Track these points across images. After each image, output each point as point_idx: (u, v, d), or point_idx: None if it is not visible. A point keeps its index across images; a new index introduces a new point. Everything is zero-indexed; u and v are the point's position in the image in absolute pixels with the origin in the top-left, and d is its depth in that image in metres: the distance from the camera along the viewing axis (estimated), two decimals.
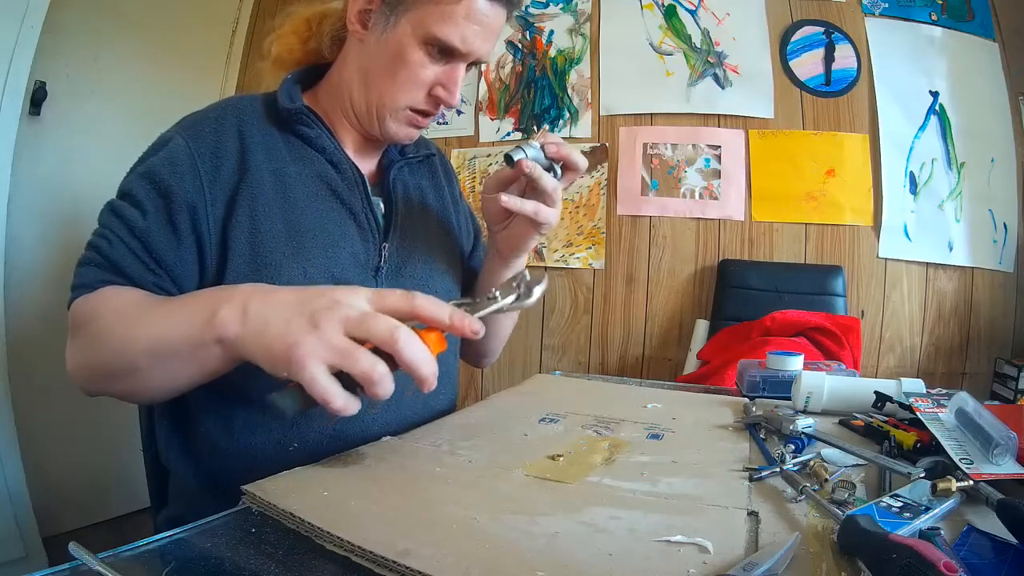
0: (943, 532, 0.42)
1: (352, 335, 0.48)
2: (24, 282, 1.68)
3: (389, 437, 0.64)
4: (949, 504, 0.48)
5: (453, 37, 0.70)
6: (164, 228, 0.66)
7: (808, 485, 0.50)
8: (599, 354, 2.22)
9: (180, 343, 0.55)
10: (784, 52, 2.09)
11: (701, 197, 2.13)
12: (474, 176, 2.30)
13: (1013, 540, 0.43)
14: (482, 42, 0.72)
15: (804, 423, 0.66)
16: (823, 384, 0.79)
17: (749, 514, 0.47)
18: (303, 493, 0.48)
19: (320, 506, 0.46)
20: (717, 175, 2.12)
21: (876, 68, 2.05)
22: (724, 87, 2.11)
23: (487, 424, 0.71)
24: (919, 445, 0.61)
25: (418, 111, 0.75)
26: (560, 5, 2.24)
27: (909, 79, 2.05)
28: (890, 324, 2.06)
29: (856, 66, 2.06)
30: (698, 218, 2.14)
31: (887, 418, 0.71)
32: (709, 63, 2.12)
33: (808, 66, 2.08)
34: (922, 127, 2.05)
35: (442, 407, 0.80)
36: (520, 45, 2.28)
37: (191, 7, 2.23)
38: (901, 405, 0.73)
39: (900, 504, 0.47)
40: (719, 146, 2.11)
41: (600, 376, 1.08)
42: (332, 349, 0.47)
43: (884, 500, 0.48)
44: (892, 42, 2.06)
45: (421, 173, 0.90)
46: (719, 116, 2.12)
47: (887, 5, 2.06)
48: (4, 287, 1.60)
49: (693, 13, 2.14)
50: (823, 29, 2.08)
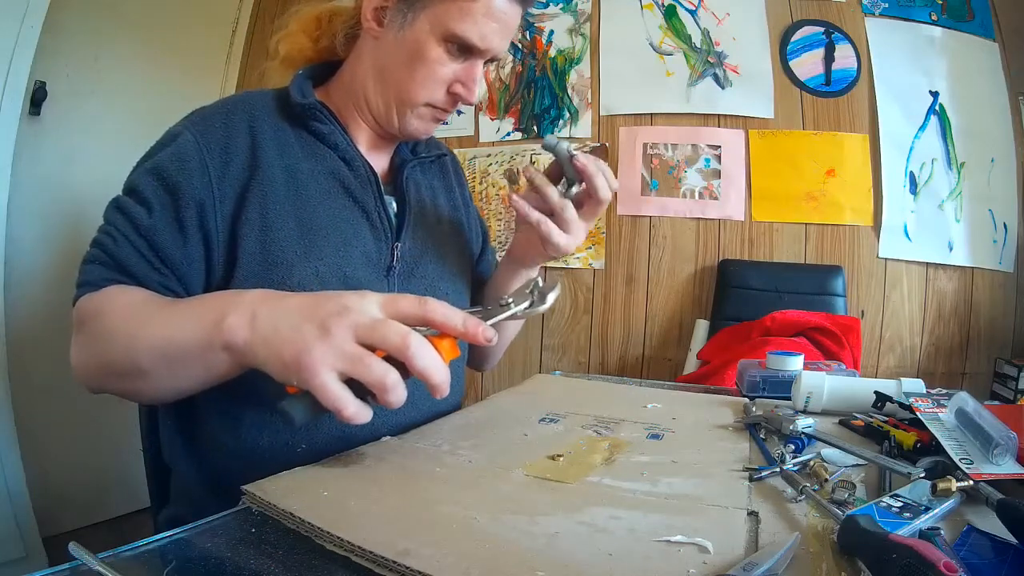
0: (943, 532, 0.42)
1: (363, 342, 0.48)
2: (24, 282, 1.68)
3: (389, 437, 0.64)
4: (949, 504, 0.48)
5: (472, 34, 0.69)
6: (170, 226, 0.65)
7: (808, 485, 0.50)
8: (599, 354, 2.22)
9: (187, 348, 0.54)
10: (784, 52, 2.09)
11: (701, 197, 2.13)
12: (474, 176, 2.30)
13: (1013, 540, 0.43)
14: (500, 39, 0.72)
15: (804, 423, 0.66)
16: (823, 384, 0.79)
17: (749, 514, 0.47)
18: (303, 493, 0.48)
19: (320, 506, 0.46)
20: (717, 175, 2.12)
21: (876, 68, 2.05)
22: (724, 87, 2.11)
23: (487, 424, 0.71)
24: (919, 445, 0.61)
25: (436, 108, 0.75)
26: (560, 5, 2.24)
27: (909, 79, 2.05)
28: (890, 324, 2.06)
29: (856, 66, 2.06)
30: (698, 218, 2.14)
31: (887, 418, 0.71)
32: (709, 63, 2.12)
33: (808, 66, 2.08)
34: (922, 127, 2.05)
35: (448, 408, 0.80)
36: (520, 45, 2.28)
37: (191, 7, 2.23)
38: (901, 405, 0.73)
39: (900, 504, 0.47)
40: (719, 146, 2.11)
41: (600, 376, 1.08)
42: (343, 356, 0.47)
43: (884, 500, 0.48)
44: (892, 42, 2.06)
45: (433, 173, 0.89)
46: (719, 116, 2.12)
47: (887, 5, 2.06)
48: (4, 287, 1.60)
49: (693, 13, 2.14)
50: (823, 29, 2.08)
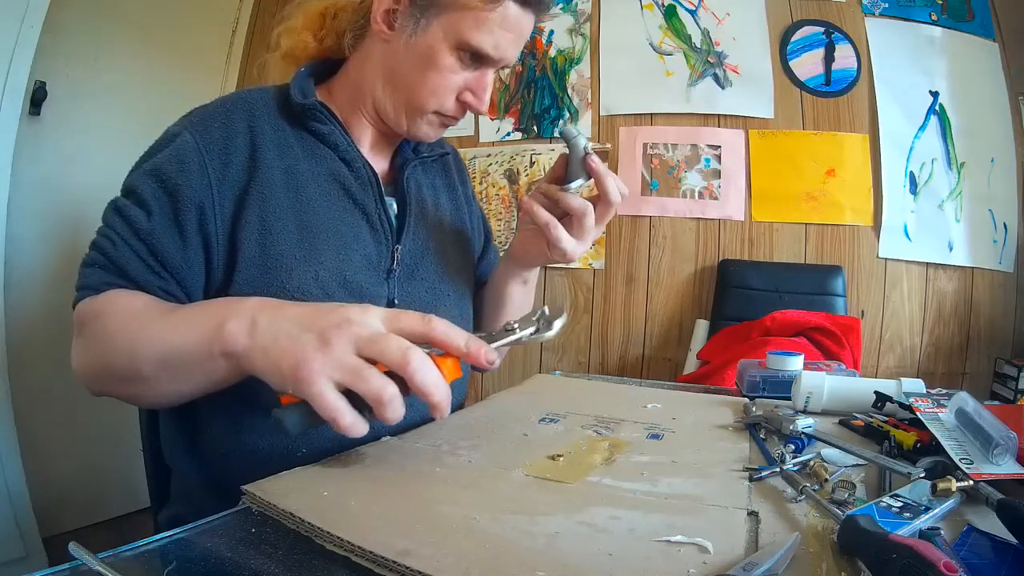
0: (943, 532, 0.42)
1: (364, 355, 0.47)
2: (24, 282, 1.68)
3: (389, 437, 0.64)
4: (949, 504, 0.48)
5: (486, 44, 0.69)
6: (170, 229, 0.64)
7: (808, 485, 0.50)
8: (599, 354, 2.22)
9: (187, 354, 0.55)
10: (784, 52, 2.09)
11: (701, 197, 2.13)
12: (474, 176, 2.30)
13: (1013, 540, 0.43)
14: (514, 49, 0.71)
15: (804, 423, 0.66)
16: (823, 384, 0.79)
17: (749, 514, 0.47)
18: (303, 493, 0.48)
19: (320, 506, 0.46)
20: (717, 175, 2.12)
21: (876, 68, 2.05)
22: (724, 87, 2.11)
23: (487, 424, 0.71)
24: (919, 445, 0.61)
25: (445, 115, 0.74)
26: (560, 5, 2.23)
27: (909, 79, 2.05)
28: (890, 324, 2.06)
29: (856, 66, 2.06)
30: (698, 218, 2.14)
31: (887, 418, 0.71)
32: (709, 63, 2.12)
33: (808, 66, 2.08)
34: (922, 127, 2.05)
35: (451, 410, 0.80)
36: None
37: (191, 7, 2.23)
38: (901, 405, 0.73)
39: (900, 504, 0.47)
40: (719, 146, 2.11)
41: (600, 376, 1.08)
42: (341, 367, 0.46)
43: (884, 500, 0.48)
44: (892, 42, 2.06)
45: (435, 172, 0.88)
46: (719, 116, 2.12)
47: (887, 5, 2.06)
48: (4, 287, 1.60)
49: (693, 13, 2.14)
50: (823, 29, 2.08)
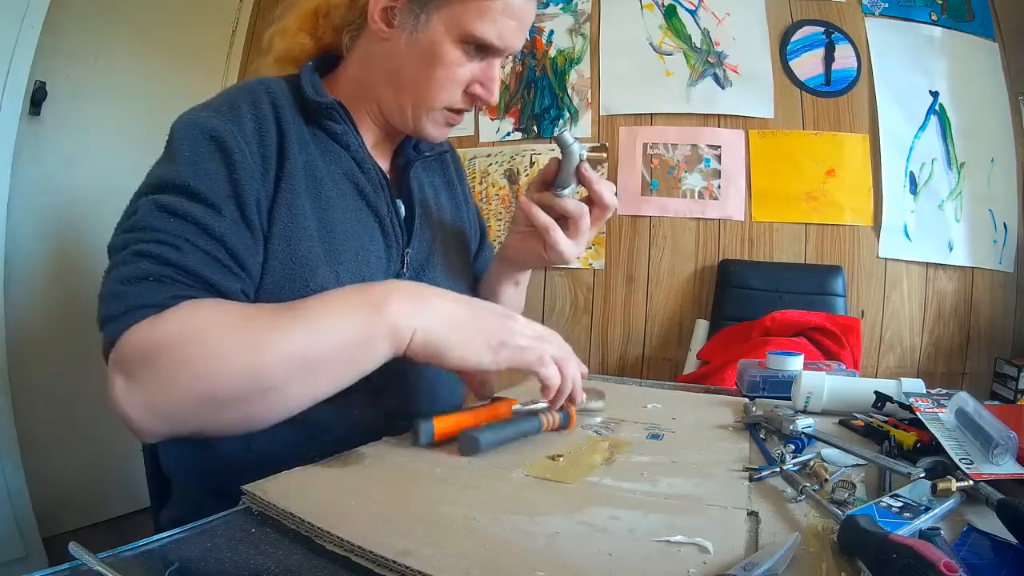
0: (943, 532, 0.42)
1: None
2: (24, 282, 1.68)
3: (389, 437, 0.64)
4: (949, 504, 0.48)
5: (491, 34, 0.67)
6: (239, 226, 0.61)
7: (808, 485, 0.50)
8: (599, 354, 2.22)
9: (338, 346, 0.54)
10: (784, 52, 2.09)
11: (701, 197, 2.13)
12: (474, 176, 2.30)
13: (1013, 540, 0.43)
14: (519, 37, 0.70)
15: (804, 423, 0.66)
16: (823, 384, 0.79)
17: (749, 514, 0.47)
18: (303, 493, 0.48)
19: (320, 506, 0.46)
20: (717, 175, 2.12)
21: (876, 68, 2.05)
22: (724, 87, 2.11)
23: None
24: (919, 445, 0.61)
25: (454, 110, 0.73)
26: (560, 5, 2.24)
27: (909, 79, 2.05)
28: (890, 324, 2.06)
29: (856, 66, 2.06)
30: (698, 218, 2.14)
31: (887, 418, 0.71)
32: (709, 63, 2.12)
33: (808, 66, 2.08)
34: (922, 127, 2.05)
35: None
36: None
37: (191, 7, 2.23)
38: (901, 405, 0.73)
39: (900, 504, 0.47)
40: (719, 146, 2.12)
41: (600, 376, 1.08)
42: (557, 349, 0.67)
43: (884, 500, 0.48)
44: (892, 42, 2.06)
45: (434, 170, 0.88)
46: (719, 116, 2.12)
47: (887, 5, 2.06)
48: (4, 287, 1.60)
49: (693, 13, 2.14)
50: (823, 29, 2.08)
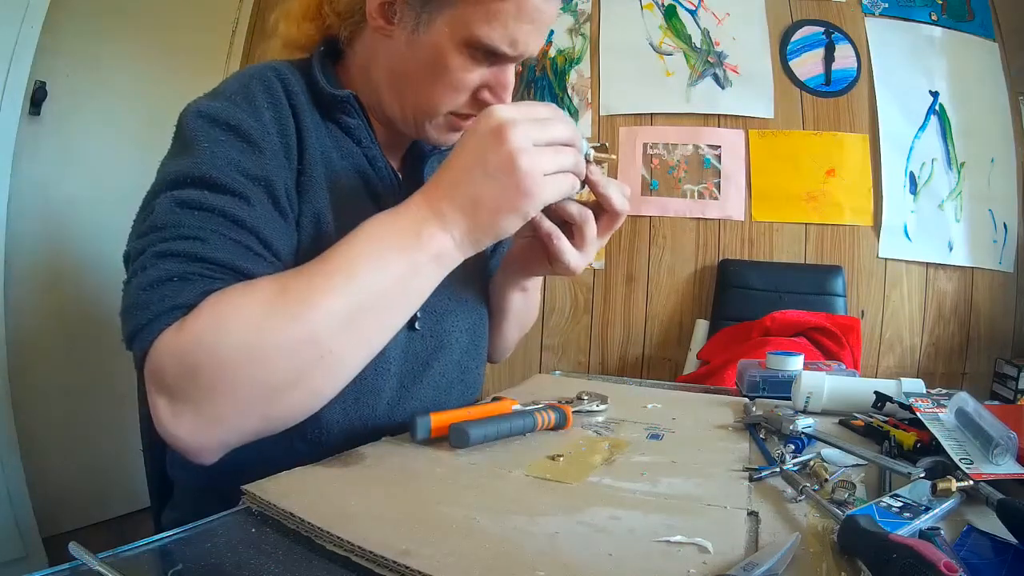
0: (943, 532, 0.42)
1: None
2: (24, 282, 1.68)
3: (389, 437, 0.64)
4: (949, 504, 0.48)
5: (502, 42, 0.60)
6: (272, 213, 0.57)
7: (808, 485, 0.50)
8: (599, 354, 2.22)
9: (384, 287, 0.51)
10: (784, 52, 2.09)
11: (701, 197, 2.13)
12: None
13: (1013, 540, 0.43)
14: (536, 41, 0.63)
15: (804, 423, 0.66)
16: (823, 384, 0.79)
17: (749, 514, 0.47)
18: (303, 493, 0.48)
19: (320, 506, 0.46)
20: (717, 175, 2.12)
21: (876, 68, 2.05)
22: (724, 87, 2.11)
23: None
24: (919, 445, 0.61)
25: (461, 115, 0.66)
26: (560, 5, 2.23)
27: (909, 79, 2.05)
28: (890, 324, 2.06)
29: (856, 66, 2.06)
30: (698, 218, 2.14)
31: (887, 418, 0.71)
32: (709, 63, 2.12)
33: (808, 66, 2.08)
34: (922, 127, 2.05)
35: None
36: None
37: (191, 7, 2.23)
38: (901, 405, 0.73)
39: (900, 504, 0.47)
40: (719, 146, 2.12)
41: (600, 376, 1.08)
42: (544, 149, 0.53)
43: (884, 500, 0.48)
44: (892, 42, 2.06)
45: None
46: (719, 116, 2.12)
47: (887, 5, 2.06)
48: (4, 287, 1.60)
49: (693, 13, 2.14)
50: (823, 29, 2.08)
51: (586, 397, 0.78)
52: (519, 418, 0.64)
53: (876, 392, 0.77)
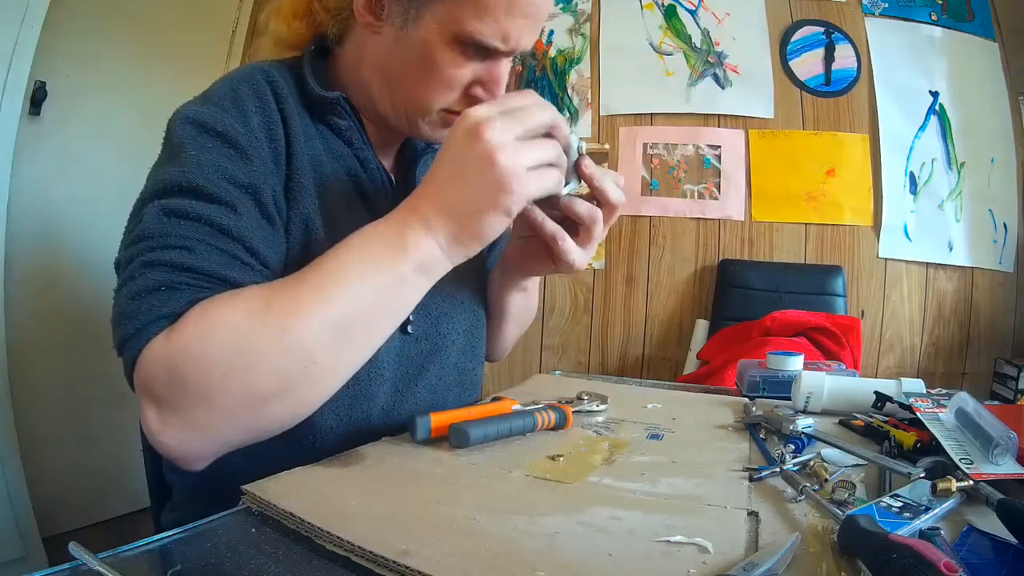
0: (943, 532, 0.42)
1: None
2: (24, 282, 1.68)
3: (389, 437, 0.64)
4: (949, 504, 0.48)
5: (493, 37, 0.58)
6: (259, 222, 0.57)
7: (808, 485, 0.50)
8: (599, 354, 2.22)
9: (369, 299, 0.51)
10: (784, 52, 2.09)
11: (701, 197, 2.13)
12: None
13: (1013, 540, 0.43)
14: (529, 35, 0.60)
15: (804, 423, 0.66)
16: (823, 384, 0.79)
17: (749, 514, 0.47)
18: (303, 493, 0.48)
19: (320, 506, 0.46)
20: (717, 175, 2.12)
21: (876, 68, 2.06)
22: (724, 87, 2.11)
23: None
24: (919, 445, 0.61)
25: (454, 112, 0.63)
26: (560, 5, 2.24)
27: (909, 79, 2.05)
28: (890, 324, 2.07)
29: (856, 66, 2.06)
30: (698, 218, 2.14)
31: (887, 418, 0.71)
32: (709, 63, 2.12)
33: (808, 66, 2.08)
34: (922, 127, 2.05)
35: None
36: None
37: (191, 7, 2.23)
38: (901, 405, 0.73)
39: (900, 504, 0.47)
40: (719, 146, 2.12)
41: (600, 376, 1.08)
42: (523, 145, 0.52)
43: (884, 500, 0.48)
44: (892, 42, 2.06)
45: None
46: (719, 116, 2.12)
47: (887, 5, 2.06)
48: (4, 287, 1.60)
49: (693, 13, 2.14)
50: (823, 29, 2.08)
51: (586, 397, 0.78)
52: (519, 418, 0.65)
53: (876, 392, 0.76)
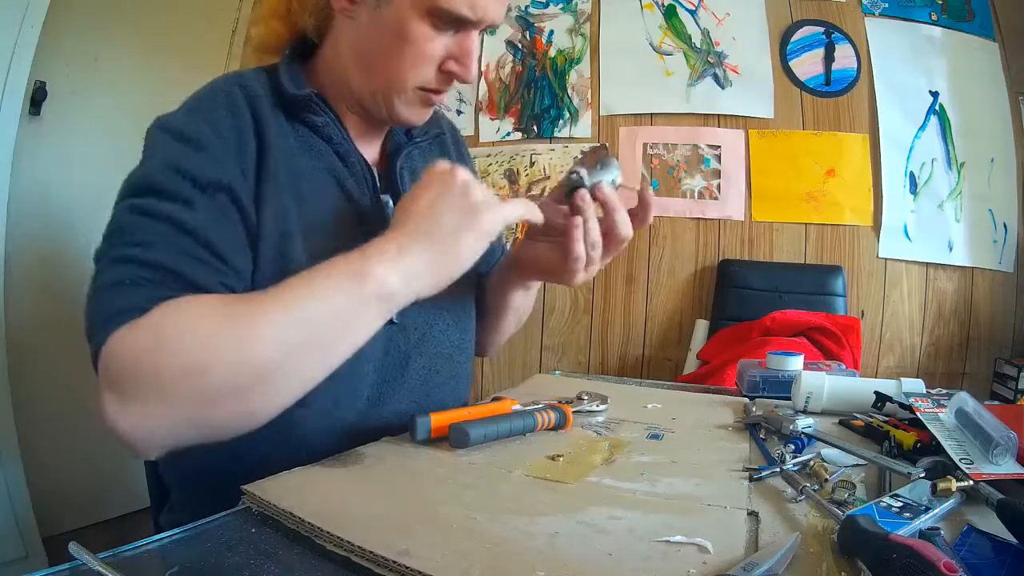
0: (943, 532, 0.42)
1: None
2: (24, 282, 1.68)
3: (388, 437, 0.64)
4: (949, 504, 0.48)
5: (461, 6, 0.61)
6: (216, 217, 0.58)
7: (808, 485, 0.50)
8: (599, 354, 2.22)
9: (326, 319, 0.52)
10: (784, 52, 2.09)
11: (701, 197, 2.13)
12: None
13: (1013, 540, 0.43)
14: (497, 6, 0.64)
15: (804, 423, 0.66)
16: (823, 384, 0.79)
17: (749, 514, 0.47)
18: (303, 493, 0.48)
19: (320, 506, 0.46)
20: (717, 175, 2.12)
21: (876, 68, 2.05)
22: (724, 87, 2.11)
23: None
24: (919, 445, 0.61)
25: (429, 90, 0.67)
26: (560, 5, 2.24)
27: (909, 79, 2.05)
28: (890, 324, 2.06)
29: (856, 66, 2.06)
30: (698, 218, 2.14)
31: (887, 418, 0.71)
32: (709, 63, 2.12)
33: (808, 66, 2.08)
34: (922, 127, 2.05)
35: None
36: (520, 45, 2.28)
37: (191, 7, 2.23)
38: (901, 405, 0.73)
39: (900, 504, 0.47)
40: (719, 146, 2.12)
41: (600, 376, 1.08)
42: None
43: (884, 500, 0.48)
44: (892, 42, 2.06)
45: (433, 155, 0.82)
46: (719, 116, 2.12)
47: (887, 5, 2.06)
48: (4, 287, 1.60)
49: (693, 13, 2.14)
50: (823, 29, 2.08)
51: (586, 397, 0.78)
52: (519, 418, 0.65)
53: (876, 392, 0.77)
